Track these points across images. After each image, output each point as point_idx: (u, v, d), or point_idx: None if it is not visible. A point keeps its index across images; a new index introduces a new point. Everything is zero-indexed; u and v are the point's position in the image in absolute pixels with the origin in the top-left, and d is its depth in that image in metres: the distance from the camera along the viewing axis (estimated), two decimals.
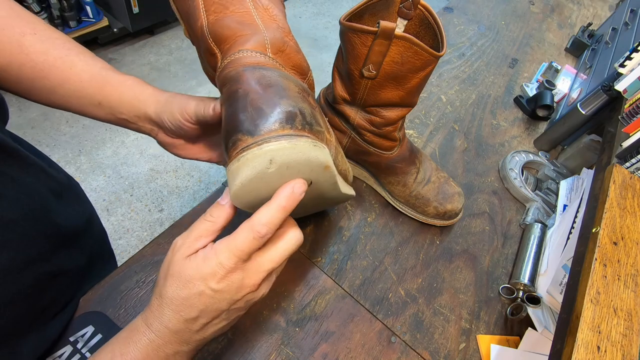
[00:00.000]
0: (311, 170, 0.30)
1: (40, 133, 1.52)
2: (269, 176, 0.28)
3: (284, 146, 0.27)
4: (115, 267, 0.57)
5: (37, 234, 0.36)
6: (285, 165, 0.28)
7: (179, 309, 0.29)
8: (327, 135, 0.33)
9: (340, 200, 0.43)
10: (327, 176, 0.32)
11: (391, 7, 0.43)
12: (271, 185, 0.29)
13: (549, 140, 0.76)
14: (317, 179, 0.31)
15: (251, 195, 0.29)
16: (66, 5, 1.57)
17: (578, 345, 0.33)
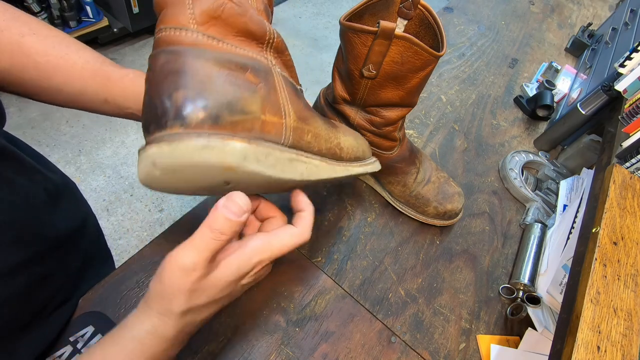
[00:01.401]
0: (213, 172, 0.25)
1: (40, 133, 1.52)
2: (162, 177, 0.25)
3: (162, 150, 0.24)
4: (113, 267, 0.57)
5: (31, 236, 0.36)
6: (171, 170, 0.24)
7: (205, 310, 0.30)
8: (267, 117, 0.27)
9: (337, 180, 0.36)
10: (248, 174, 0.26)
11: (391, 7, 0.43)
12: (181, 178, 0.26)
13: (549, 140, 0.76)
14: (235, 179, 0.27)
15: (165, 186, 0.27)
16: (66, 5, 1.57)
17: (578, 345, 0.33)
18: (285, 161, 0.28)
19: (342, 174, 0.35)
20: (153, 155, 0.24)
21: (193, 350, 0.42)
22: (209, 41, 0.26)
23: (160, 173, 0.25)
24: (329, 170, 0.33)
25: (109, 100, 0.39)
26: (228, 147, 0.24)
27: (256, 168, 0.26)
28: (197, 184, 0.27)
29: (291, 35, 2.30)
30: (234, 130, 0.25)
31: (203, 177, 0.26)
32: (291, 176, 0.29)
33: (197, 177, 0.26)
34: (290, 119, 0.29)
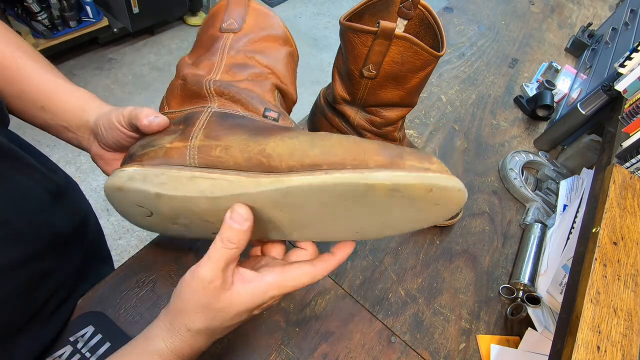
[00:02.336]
0: (115, 194, 0.32)
1: (40, 133, 1.51)
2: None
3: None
4: (112, 267, 0.57)
5: (31, 234, 0.36)
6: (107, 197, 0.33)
7: (217, 334, 0.31)
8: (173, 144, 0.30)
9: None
10: (138, 194, 0.31)
11: (391, 7, 0.43)
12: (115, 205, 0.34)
13: (549, 140, 0.76)
14: (145, 203, 0.31)
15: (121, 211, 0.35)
16: (66, 5, 1.57)
17: (578, 345, 0.33)
18: (183, 179, 0.29)
19: (267, 187, 0.27)
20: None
21: None
22: (168, 115, 0.35)
23: (109, 199, 0.33)
24: (248, 184, 0.27)
25: (47, 108, 0.39)
26: (120, 172, 0.30)
27: (141, 186, 0.29)
28: (125, 210, 0.33)
29: None
30: (141, 160, 0.31)
31: (119, 202, 0.32)
32: (188, 193, 0.29)
33: (117, 202, 0.32)
34: (197, 140, 0.30)
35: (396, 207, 0.27)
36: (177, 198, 0.29)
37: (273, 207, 0.29)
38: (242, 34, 0.37)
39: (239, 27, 0.37)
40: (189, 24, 2.14)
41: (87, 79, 1.75)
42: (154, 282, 0.45)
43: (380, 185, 0.25)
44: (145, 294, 0.45)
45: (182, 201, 0.29)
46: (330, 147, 0.27)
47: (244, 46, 0.37)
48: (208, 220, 0.31)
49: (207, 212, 0.30)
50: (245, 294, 0.30)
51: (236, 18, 0.37)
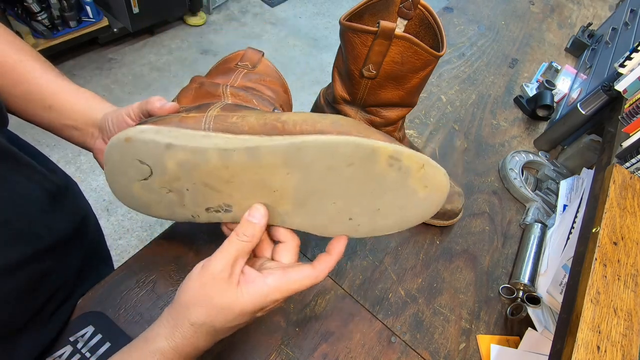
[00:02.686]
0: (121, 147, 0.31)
1: (40, 133, 1.52)
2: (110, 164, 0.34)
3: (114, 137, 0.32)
4: (112, 268, 0.57)
5: (30, 234, 0.36)
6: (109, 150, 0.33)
7: (219, 334, 0.31)
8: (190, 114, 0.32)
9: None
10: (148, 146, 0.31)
11: (391, 7, 0.43)
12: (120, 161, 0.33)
13: (549, 140, 0.76)
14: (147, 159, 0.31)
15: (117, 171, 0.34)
16: (66, 5, 1.57)
17: (578, 345, 0.33)
18: (197, 136, 0.30)
19: (281, 142, 0.28)
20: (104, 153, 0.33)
21: None
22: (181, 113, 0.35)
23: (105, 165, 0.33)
24: (261, 140, 0.29)
25: (54, 107, 0.40)
26: (132, 127, 0.31)
27: (152, 136, 0.30)
28: (120, 168, 0.33)
29: (291, 35, 2.30)
30: (155, 123, 0.32)
31: (119, 156, 0.32)
32: (200, 144, 0.29)
33: (117, 157, 0.32)
34: (213, 111, 0.32)
35: (390, 186, 0.30)
36: (187, 149, 0.29)
37: (282, 165, 0.29)
38: (255, 73, 0.44)
39: (252, 68, 0.44)
40: (189, 24, 2.14)
41: (87, 79, 1.75)
42: (154, 282, 0.45)
43: (383, 149, 0.28)
44: (145, 294, 0.45)
45: (192, 153, 0.29)
46: (338, 120, 0.29)
47: (255, 79, 0.43)
48: (210, 184, 0.31)
49: (214, 171, 0.30)
50: (248, 295, 0.30)
51: (251, 62, 0.45)
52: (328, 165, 0.29)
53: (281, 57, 2.16)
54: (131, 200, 0.35)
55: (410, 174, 0.29)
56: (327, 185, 0.30)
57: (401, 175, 0.29)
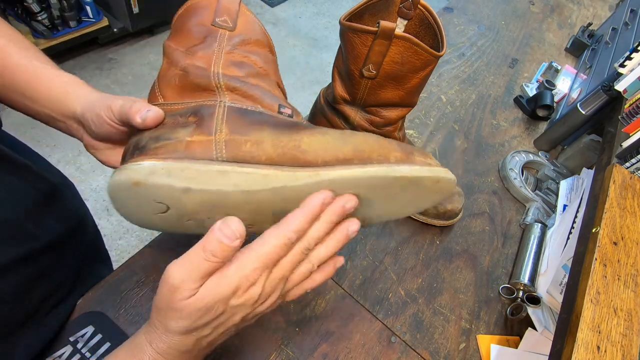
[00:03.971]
0: (128, 191, 0.28)
1: (40, 133, 1.52)
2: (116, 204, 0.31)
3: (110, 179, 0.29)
4: (111, 268, 0.57)
5: (24, 235, 0.36)
6: (116, 196, 0.30)
7: (188, 336, 0.28)
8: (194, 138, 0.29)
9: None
10: (161, 189, 0.28)
11: (391, 7, 0.43)
12: (125, 204, 0.31)
13: (549, 140, 0.76)
14: (165, 199, 0.29)
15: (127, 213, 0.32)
16: (66, 5, 1.57)
17: (578, 345, 0.33)
18: (213, 173, 0.28)
19: (307, 181, 0.28)
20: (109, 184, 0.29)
21: None
22: (165, 107, 0.33)
23: (113, 195, 0.29)
24: (284, 177, 0.28)
25: (27, 94, 0.37)
26: (137, 166, 0.27)
27: (165, 181, 0.27)
28: (134, 208, 0.30)
29: (291, 35, 2.30)
30: (156, 154, 0.28)
31: (131, 198, 0.29)
32: (222, 188, 0.28)
33: (129, 199, 0.29)
34: (222, 134, 0.29)
35: (405, 195, 0.32)
36: (207, 192, 0.28)
37: (296, 202, 0.29)
38: (236, 34, 0.37)
39: (233, 26, 0.37)
40: None
41: (87, 79, 1.74)
42: (154, 282, 0.45)
43: (404, 178, 0.29)
44: (145, 294, 0.45)
45: (214, 194, 0.28)
46: (359, 145, 0.29)
47: (239, 45, 0.37)
48: (232, 213, 0.29)
49: (236, 206, 0.29)
50: (208, 286, 0.27)
51: (229, 17, 0.37)
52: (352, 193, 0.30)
53: (281, 57, 2.16)
54: (149, 225, 0.33)
55: (424, 189, 0.32)
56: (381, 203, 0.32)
57: (416, 190, 0.32)
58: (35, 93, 0.37)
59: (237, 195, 0.28)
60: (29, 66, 0.37)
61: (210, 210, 0.30)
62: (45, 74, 0.37)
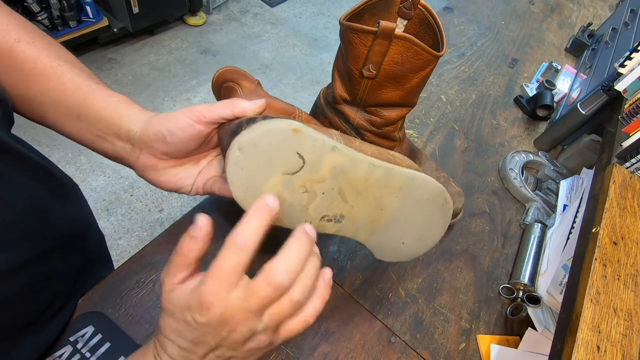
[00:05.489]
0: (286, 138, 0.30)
1: (40, 133, 1.52)
2: (244, 158, 0.30)
3: (243, 134, 0.30)
4: (112, 269, 0.57)
5: (35, 236, 0.36)
6: (252, 144, 0.30)
7: (172, 338, 0.28)
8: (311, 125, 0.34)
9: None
10: (313, 142, 0.30)
11: (391, 7, 0.43)
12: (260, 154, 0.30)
13: (549, 140, 0.76)
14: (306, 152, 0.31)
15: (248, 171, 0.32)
16: (66, 5, 1.57)
17: (578, 345, 0.33)
18: (355, 141, 0.34)
19: (407, 171, 0.35)
20: (237, 142, 0.29)
21: None
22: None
23: (241, 153, 0.30)
24: (394, 165, 0.35)
25: (82, 116, 0.37)
26: (292, 119, 0.31)
27: (321, 137, 0.31)
28: (266, 167, 0.31)
29: (291, 35, 2.30)
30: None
31: (270, 153, 0.30)
32: (355, 155, 0.32)
33: (265, 155, 0.30)
34: (334, 130, 0.36)
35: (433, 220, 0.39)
36: (347, 155, 0.32)
37: (398, 189, 0.35)
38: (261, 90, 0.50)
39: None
40: (189, 24, 2.14)
41: None
42: (154, 282, 0.45)
43: (445, 193, 0.37)
44: (145, 294, 0.45)
45: (350, 160, 0.32)
46: (412, 162, 0.39)
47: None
48: (343, 192, 0.34)
49: (356, 180, 0.33)
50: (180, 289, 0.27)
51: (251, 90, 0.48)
52: (418, 197, 0.36)
53: (281, 57, 2.16)
54: (252, 198, 0.31)
55: (445, 213, 0.39)
56: (411, 212, 0.37)
57: (440, 212, 0.39)
58: (87, 113, 0.37)
59: (364, 166, 0.33)
60: (83, 86, 0.37)
61: (335, 178, 0.33)
62: (99, 94, 0.37)
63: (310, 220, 0.34)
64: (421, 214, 0.38)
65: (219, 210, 0.52)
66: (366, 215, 0.36)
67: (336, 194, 0.33)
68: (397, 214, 0.37)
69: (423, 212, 0.38)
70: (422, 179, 0.36)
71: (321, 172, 0.32)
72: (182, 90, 1.86)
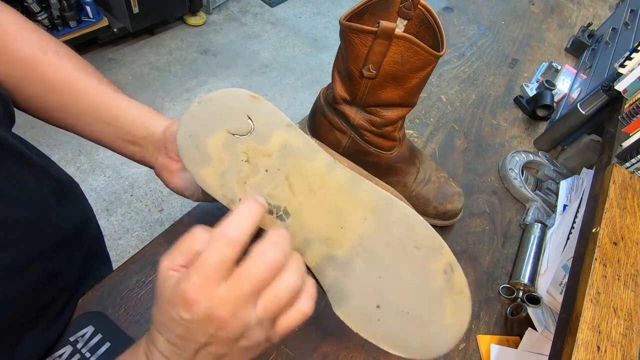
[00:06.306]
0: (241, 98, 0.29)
1: (40, 133, 1.52)
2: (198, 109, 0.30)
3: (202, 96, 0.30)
4: (111, 269, 0.57)
5: (38, 234, 0.36)
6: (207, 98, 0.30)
7: (162, 331, 0.26)
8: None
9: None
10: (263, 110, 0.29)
11: (391, 7, 0.43)
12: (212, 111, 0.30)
13: (549, 140, 0.76)
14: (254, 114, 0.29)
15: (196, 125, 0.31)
16: (66, 5, 1.57)
17: (578, 345, 0.33)
18: (313, 141, 0.31)
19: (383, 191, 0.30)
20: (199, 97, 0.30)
21: None
22: None
23: (198, 105, 0.29)
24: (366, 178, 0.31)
25: (113, 123, 0.39)
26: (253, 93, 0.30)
27: (278, 111, 0.29)
28: (217, 122, 0.30)
29: (291, 35, 2.30)
30: None
31: (231, 105, 0.29)
32: (317, 147, 0.29)
33: (226, 105, 0.29)
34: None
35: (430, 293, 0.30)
36: (303, 139, 0.30)
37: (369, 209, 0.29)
38: None
39: None
40: (189, 24, 2.14)
41: None
42: (153, 282, 0.45)
43: (448, 252, 0.29)
44: (145, 294, 0.45)
45: (305, 144, 0.29)
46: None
47: None
48: (291, 181, 0.30)
49: (309, 172, 0.30)
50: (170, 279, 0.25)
51: None
52: (400, 235, 0.28)
53: (281, 57, 2.16)
54: (193, 148, 0.30)
55: (451, 291, 0.29)
56: (387, 254, 0.29)
57: (444, 287, 0.29)
58: (118, 121, 0.39)
59: (323, 158, 0.29)
60: (110, 96, 0.39)
61: (284, 158, 0.29)
62: (126, 103, 0.40)
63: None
64: (408, 270, 0.28)
65: (222, 211, 0.52)
66: (319, 222, 0.29)
67: (282, 178, 0.29)
68: (365, 244, 0.29)
69: (411, 269, 0.28)
70: (404, 209, 0.28)
71: (269, 146, 0.29)
72: (182, 90, 1.86)
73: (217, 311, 0.24)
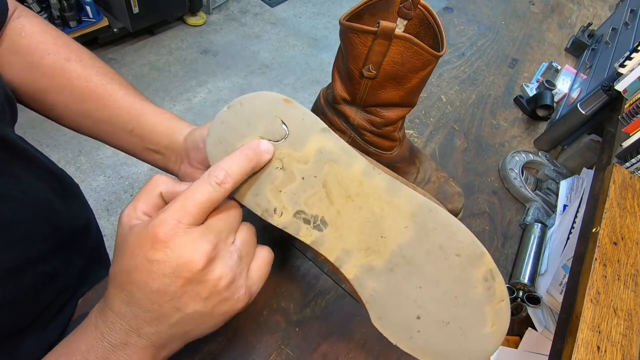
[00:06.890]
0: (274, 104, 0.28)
1: (40, 133, 1.52)
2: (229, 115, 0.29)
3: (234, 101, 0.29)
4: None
5: (39, 235, 0.36)
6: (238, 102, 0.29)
7: (119, 286, 0.24)
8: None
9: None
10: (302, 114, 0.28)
11: (391, 7, 0.43)
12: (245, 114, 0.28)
13: (549, 140, 0.76)
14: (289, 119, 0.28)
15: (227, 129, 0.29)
16: (66, 5, 1.57)
17: (578, 345, 0.33)
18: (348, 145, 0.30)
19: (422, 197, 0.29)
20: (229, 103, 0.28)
21: (193, 350, 0.42)
22: None
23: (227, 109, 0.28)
24: (405, 184, 0.31)
25: (136, 131, 0.39)
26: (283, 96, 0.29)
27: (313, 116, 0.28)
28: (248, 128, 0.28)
29: (291, 35, 2.30)
30: None
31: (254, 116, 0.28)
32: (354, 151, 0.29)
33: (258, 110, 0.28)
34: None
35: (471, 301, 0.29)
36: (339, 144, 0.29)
37: (408, 216, 0.28)
38: None
39: None
40: (189, 24, 2.14)
41: None
42: None
43: (489, 260, 0.28)
44: None
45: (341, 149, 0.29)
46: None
47: None
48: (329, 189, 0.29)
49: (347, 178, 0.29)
50: (141, 223, 0.24)
51: None
52: (441, 243, 0.27)
53: (281, 57, 2.16)
54: (224, 155, 0.28)
55: (492, 299, 0.28)
56: (427, 263, 0.28)
57: (485, 295, 0.28)
58: (141, 129, 0.39)
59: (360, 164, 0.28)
60: (135, 103, 0.39)
61: (319, 165, 0.28)
62: (149, 111, 0.40)
63: (282, 211, 0.28)
64: (449, 279, 0.28)
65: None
66: (358, 232, 0.28)
67: (319, 185, 0.28)
68: (405, 253, 0.28)
69: (452, 277, 0.28)
70: (444, 216, 0.27)
71: (305, 151, 0.28)
72: (182, 91, 1.86)
73: (192, 254, 0.22)
